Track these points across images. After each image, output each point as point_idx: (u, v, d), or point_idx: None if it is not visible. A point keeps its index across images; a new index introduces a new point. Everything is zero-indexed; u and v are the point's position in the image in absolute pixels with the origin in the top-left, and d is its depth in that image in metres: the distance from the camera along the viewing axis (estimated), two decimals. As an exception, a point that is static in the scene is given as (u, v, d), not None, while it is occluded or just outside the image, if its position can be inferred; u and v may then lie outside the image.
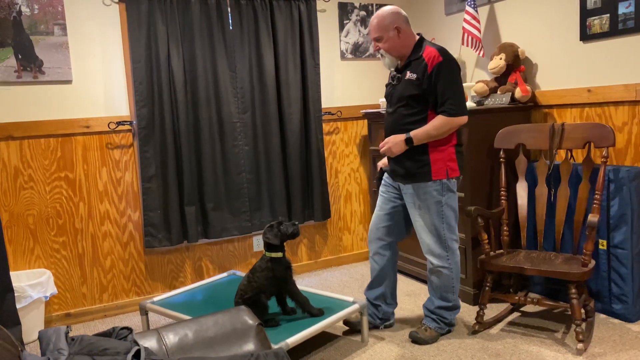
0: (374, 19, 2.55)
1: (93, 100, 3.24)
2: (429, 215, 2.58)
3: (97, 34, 3.22)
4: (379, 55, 2.63)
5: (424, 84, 2.46)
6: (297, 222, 2.59)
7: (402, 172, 2.61)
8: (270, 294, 2.55)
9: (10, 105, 3.04)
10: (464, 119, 2.50)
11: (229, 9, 3.48)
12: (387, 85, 2.72)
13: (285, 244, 2.57)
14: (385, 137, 2.65)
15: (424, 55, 2.48)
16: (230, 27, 3.50)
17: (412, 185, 2.59)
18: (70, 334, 1.42)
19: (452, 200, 2.61)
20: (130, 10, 3.20)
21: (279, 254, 2.53)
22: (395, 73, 2.62)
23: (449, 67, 2.46)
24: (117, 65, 3.29)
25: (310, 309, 2.57)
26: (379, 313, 2.85)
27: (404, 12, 2.56)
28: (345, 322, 2.86)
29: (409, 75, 2.52)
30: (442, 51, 2.49)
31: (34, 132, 3.09)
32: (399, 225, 2.78)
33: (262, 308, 2.47)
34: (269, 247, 2.53)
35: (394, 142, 2.54)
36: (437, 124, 2.47)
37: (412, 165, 2.56)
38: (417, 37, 2.58)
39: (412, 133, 2.50)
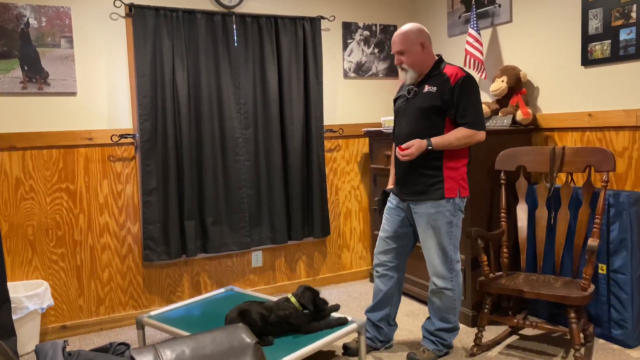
0: (399, 33, 2.56)
1: (97, 113, 3.26)
2: (440, 235, 2.56)
3: (103, 48, 3.25)
4: (400, 69, 2.62)
5: (445, 95, 2.48)
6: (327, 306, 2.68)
7: (413, 189, 2.57)
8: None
9: (14, 115, 3.06)
10: (484, 135, 2.54)
11: (234, 26, 3.52)
12: (397, 99, 2.72)
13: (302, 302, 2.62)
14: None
15: (445, 71, 2.53)
16: (235, 44, 3.53)
17: (424, 205, 2.56)
18: (67, 349, 1.41)
19: (460, 221, 2.61)
20: (136, 25, 3.24)
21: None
22: (412, 87, 2.61)
23: (473, 83, 2.51)
24: (122, 78, 3.32)
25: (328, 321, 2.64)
26: (381, 335, 2.82)
27: (427, 31, 2.60)
28: (345, 349, 2.82)
29: (427, 88, 2.54)
30: (464, 70, 2.55)
31: (37, 143, 3.11)
32: (407, 247, 2.77)
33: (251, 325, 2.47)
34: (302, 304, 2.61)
35: (419, 146, 2.46)
36: (460, 134, 2.48)
37: (425, 182, 2.54)
38: (437, 57, 2.62)
39: (433, 140, 2.48)
